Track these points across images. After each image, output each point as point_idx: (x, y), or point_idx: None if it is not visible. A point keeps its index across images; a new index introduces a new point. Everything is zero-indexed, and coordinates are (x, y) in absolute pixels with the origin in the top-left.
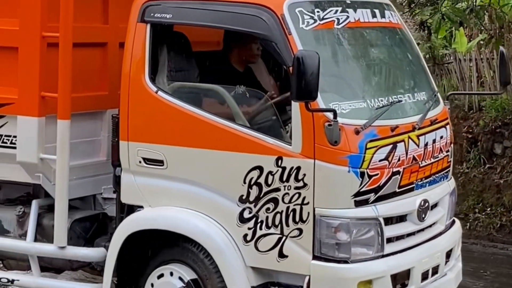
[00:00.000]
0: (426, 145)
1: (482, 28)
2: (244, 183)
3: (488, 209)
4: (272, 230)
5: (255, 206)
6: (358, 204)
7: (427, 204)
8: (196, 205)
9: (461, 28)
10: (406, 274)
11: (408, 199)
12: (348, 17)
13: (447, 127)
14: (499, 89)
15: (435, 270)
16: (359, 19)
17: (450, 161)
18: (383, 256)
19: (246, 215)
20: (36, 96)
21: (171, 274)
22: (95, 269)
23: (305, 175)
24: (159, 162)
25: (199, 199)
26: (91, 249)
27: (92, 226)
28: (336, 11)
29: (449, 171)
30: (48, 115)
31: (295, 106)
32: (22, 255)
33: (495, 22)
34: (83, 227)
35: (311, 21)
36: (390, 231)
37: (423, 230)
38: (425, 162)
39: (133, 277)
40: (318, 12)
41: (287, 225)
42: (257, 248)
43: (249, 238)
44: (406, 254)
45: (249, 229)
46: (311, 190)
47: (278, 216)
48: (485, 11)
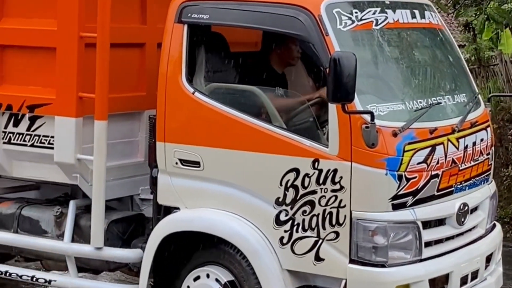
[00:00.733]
0: (466, 147)
1: None
2: (281, 185)
3: None
4: (308, 233)
5: (291, 209)
6: (395, 207)
7: (466, 207)
8: (232, 207)
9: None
10: (445, 279)
11: (447, 202)
12: (387, 17)
13: (488, 129)
14: None
15: (474, 275)
16: (398, 19)
17: (491, 164)
18: (421, 260)
19: (283, 217)
20: (73, 97)
21: (208, 276)
22: (132, 270)
23: (342, 177)
24: (196, 164)
25: (235, 201)
26: (128, 250)
27: (129, 227)
28: (375, 11)
29: (489, 174)
30: (86, 115)
31: (332, 108)
32: (60, 256)
33: None
34: (120, 228)
35: (349, 22)
36: (429, 235)
37: (462, 234)
38: (465, 165)
39: (169, 279)
40: (356, 12)
41: (324, 228)
42: (293, 251)
43: (285, 240)
44: (445, 258)
45: (285, 231)
46: (347, 193)
47: (315, 219)
48: None
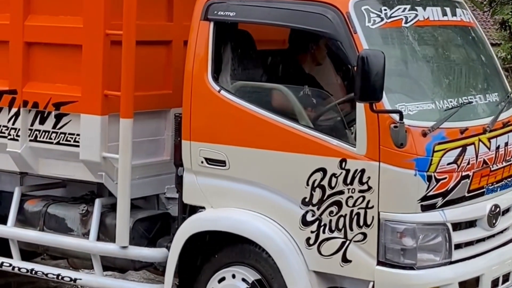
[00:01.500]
0: (497, 148)
1: None
2: (307, 185)
3: None
4: (335, 234)
5: (318, 209)
6: (425, 208)
7: (498, 209)
8: (258, 206)
9: None
10: (475, 282)
11: (478, 204)
12: (417, 15)
13: None
14: None
15: (506, 278)
16: (428, 17)
17: None
18: (451, 263)
19: (309, 218)
20: (99, 95)
21: (234, 276)
22: (157, 269)
23: (369, 178)
24: (221, 163)
25: (261, 200)
26: (153, 249)
27: (155, 226)
28: (405, 9)
29: None
30: (111, 113)
31: (360, 107)
32: (86, 254)
33: None
34: (146, 227)
35: (378, 19)
36: (459, 237)
37: (493, 236)
38: (497, 165)
39: (193, 279)
40: (385, 10)
41: (351, 229)
42: (320, 252)
43: (312, 241)
44: (475, 261)
45: (312, 232)
46: (375, 194)
47: (342, 219)
48: None
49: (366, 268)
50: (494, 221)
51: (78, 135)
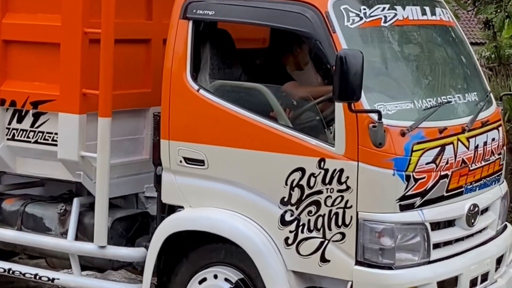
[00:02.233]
0: (476, 147)
1: None
2: (286, 185)
3: None
4: (314, 234)
5: (296, 209)
6: (403, 208)
7: (476, 208)
8: (237, 206)
9: None
10: (454, 281)
11: (456, 203)
12: (396, 14)
13: (500, 128)
14: None
15: (484, 277)
16: (407, 16)
17: (502, 164)
18: (429, 262)
19: (288, 217)
20: (77, 93)
21: (215, 276)
22: (136, 269)
23: (348, 177)
24: (200, 162)
25: (240, 200)
26: (131, 249)
27: (133, 225)
28: (384, 8)
29: (501, 174)
30: (89, 112)
31: (339, 107)
32: (64, 254)
33: None
34: (124, 226)
35: (357, 18)
36: (437, 236)
37: (472, 235)
38: (475, 165)
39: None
40: (364, 9)
41: (330, 229)
42: (298, 252)
43: (290, 241)
44: (454, 261)
45: (290, 232)
46: (354, 193)
47: (320, 219)
48: None
49: (344, 268)
50: (472, 221)
51: (56, 134)
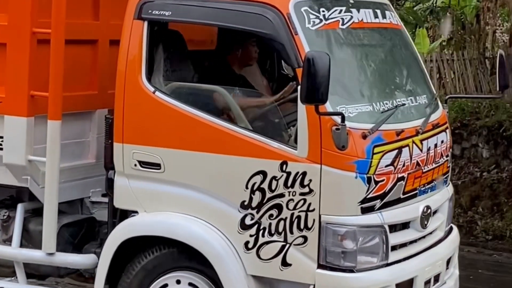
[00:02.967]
0: (428, 149)
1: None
2: (247, 188)
3: None
4: (275, 238)
5: (257, 213)
6: (364, 211)
7: (429, 210)
8: (194, 210)
9: (423, 29)
10: (409, 283)
11: (412, 205)
12: (352, 17)
13: (447, 131)
14: (497, 93)
15: (436, 279)
16: (362, 19)
17: (449, 166)
18: (387, 265)
19: (248, 221)
20: (25, 95)
21: (178, 282)
22: (82, 276)
23: (311, 180)
24: (156, 166)
25: (197, 204)
26: (81, 255)
27: (80, 231)
28: (341, 11)
29: (448, 176)
30: (37, 115)
31: (301, 109)
32: (5, 261)
33: (454, 24)
34: (71, 232)
35: (317, 20)
36: (395, 238)
37: (424, 237)
38: (428, 167)
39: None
40: (323, 11)
41: (291, 232)
42: (259, 256)
43: (250, 245)
44: (410, 262)
45: (250, 236)
46: (317, 197)
47: (282, 223)
48: (446, 13)
49: (306, 272)
50: (426, 222)
51: (1, 137)
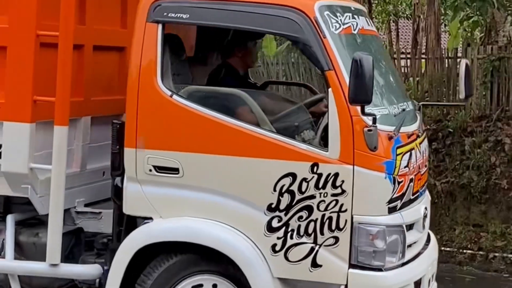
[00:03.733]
0: (422, 153)
1: None
2: (274, 190)
3: None
4: (304, 239)
5: (285, 215)
6: (390, 211)
7: (426, 212)
8: (214, 214)
9: None
10: (419, 282)
11: (416, 206)
12: (357, 23)
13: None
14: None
15: (431, 279)
16: (363, 26)
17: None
18: (403, 264)
19: (275, 224)
20: (28, 100)
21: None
22: None
23: (343, 181)
24: (174, 170)
25: (218, 208)
26: (86, 266)
27: (69, 242)
28: (349, 17)
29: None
30: (38, 121)
31: (333, 111)
32: None
33: None
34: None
35: (337, 25)
36: (409, 238)
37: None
38: (422, 170)
39: None
40: (339, 16)
41: (322, 233)
42: (287, 258)
43: (278, 248)
44: (418, 262)
45: (278, 238)
46: (349, 197)
47: (312, 224)
48: None
49: (337, 272)
50: (424, 223)
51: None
